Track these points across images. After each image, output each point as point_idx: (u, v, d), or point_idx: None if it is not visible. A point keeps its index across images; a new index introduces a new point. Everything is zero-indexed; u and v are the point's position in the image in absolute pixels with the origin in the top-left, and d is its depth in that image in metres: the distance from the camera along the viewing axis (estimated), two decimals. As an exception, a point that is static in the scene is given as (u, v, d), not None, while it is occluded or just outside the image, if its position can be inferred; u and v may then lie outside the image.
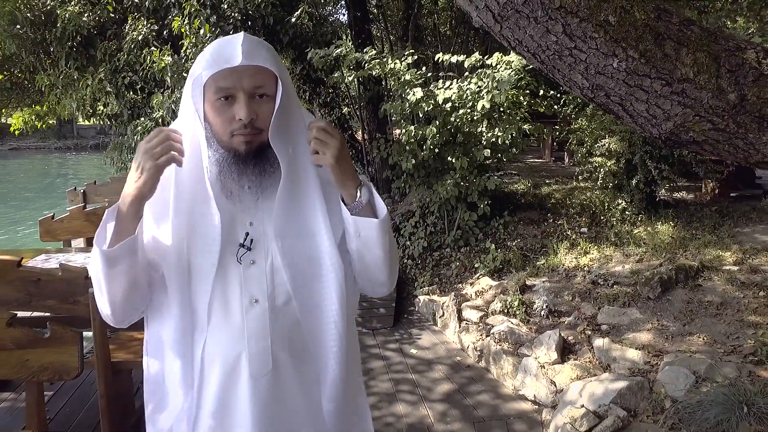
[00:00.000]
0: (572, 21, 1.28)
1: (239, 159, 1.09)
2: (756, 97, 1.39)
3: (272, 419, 1.12)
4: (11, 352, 2.03)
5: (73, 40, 5.12)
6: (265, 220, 1.13)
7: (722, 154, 1.52)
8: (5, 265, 2.63)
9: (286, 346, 1.13)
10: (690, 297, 3.54)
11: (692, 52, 1.35)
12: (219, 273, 1.10)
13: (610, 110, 1.47)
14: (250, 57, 1.04)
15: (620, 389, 2.75)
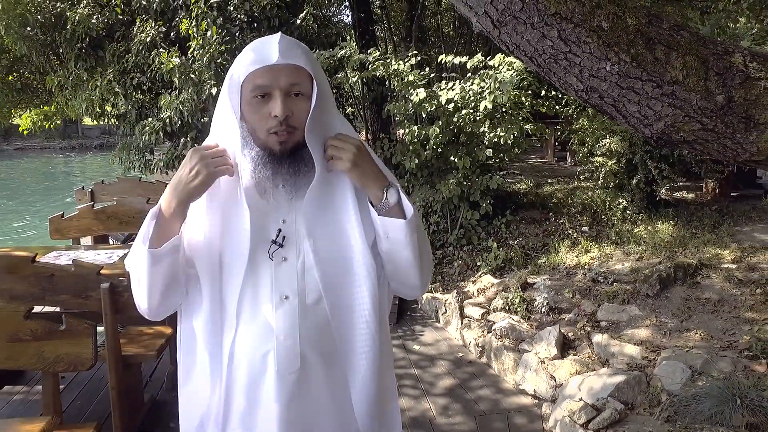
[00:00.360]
0: (567, 26, 1.35)
1: (274, 158, 1.10)
2: (743, 99, 1.45)
3: (298, 417, 1.13)
4: (29, 343, 2.12)
5: (82, 42, 5.21)
6: (298, 219, 1.14)
7: (712, 153, 1.59)
8: (20, 260, 2.71)
9: (314, 344, 1.12)
10: (688, 294, 3.60)
11: (682, 55, 1.42)
12: (250, 269, 1.11)
13: (604, 111, 1.54)
14: (286, 56, 1.06)
15: (618, 383, 2.81)
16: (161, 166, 5.48)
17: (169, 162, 5.33)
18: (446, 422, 3.02)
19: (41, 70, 5.74)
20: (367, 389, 1.17)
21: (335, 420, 1.17)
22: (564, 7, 1.34)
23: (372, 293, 1.14)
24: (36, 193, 16.33)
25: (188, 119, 5.05)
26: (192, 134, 5.15)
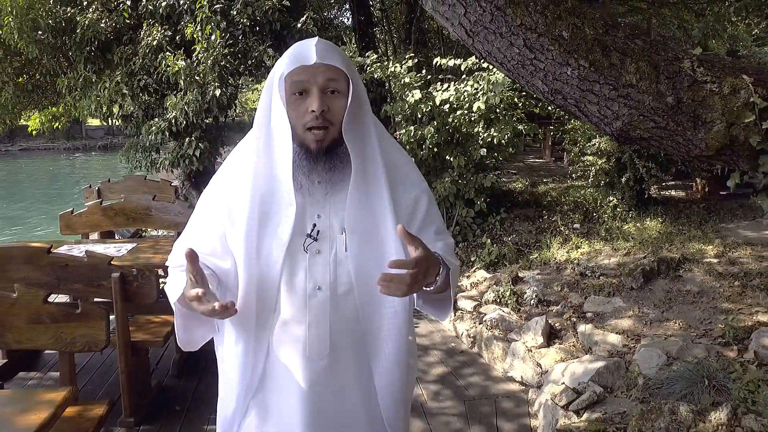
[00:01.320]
0: (531, 36, 1.52)
1: (310, 155, 1.16)
2: (691, 100, 1.62)
3: (325, 401, 1.19)
4: (48, 326, 2.29)
5: (91, 45, 5.41)
6: (332, 214, 1.19)
7: (667, 149, 1.77)
8: (37, 251, 2.90)
9: (344, 333, 1.19)
10: (670, 287, 3.76)
11: (635, 61, 1.59)
12: (287, 260, 1.17)
13: (569, 111, 1.71)
14: (323, 56, 1.13)
15: (598, 368, 2.98)
16: (167, 165, 5.67)
17: (174, 161, 5.53)
18: (437, 406, 3.19)
19: (51, 73, 5.94)
20: (391, 377, 1.24)
21: (360, 405, 1.23)
22: (528, 18, 1.51)
23: None
24: (43, 193, 16.56)
25: (193, 119, 5.24)
26: (196, 134, 5.34)
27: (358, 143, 1.17)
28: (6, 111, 6.46)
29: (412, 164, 1.33)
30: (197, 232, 1.28)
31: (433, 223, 1.31)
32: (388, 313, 1.22)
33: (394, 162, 1.25)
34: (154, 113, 5.74)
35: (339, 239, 1.19)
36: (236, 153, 1.29)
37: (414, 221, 1.27)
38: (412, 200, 1.26)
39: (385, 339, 1.23)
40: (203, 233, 1.26)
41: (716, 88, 1.63)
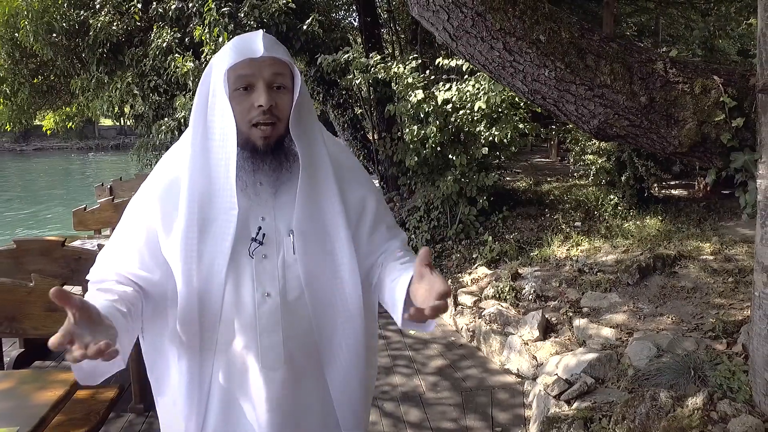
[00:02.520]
0: (510, 40, 1.62)
1: (255, 154, 1.10)
2: (663, 100, 1.72)
3: (285, 411, 1.14)
4: (63, 314, 2.42)
5: (103, 47, 5.58)
6: (278, 216, 1.13)
7: (644, 146, 1.86)
8: (52, 244, 3.04)
9: (298, 340, 1.13)
10: (665, 282, 3.83)
11: (609, 63, 1.69)
12: (231, 267, 1.10)
13: (549, 110, 1.81)
14: (270, 50, 1.08)
15: (590, 360, 3.06)
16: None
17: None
18: (434, 397, 3.29)
19: (65, 74, 6.13)
20: (347, 385, 1.19)
21: (319, 415, 1.19)
22: (507, 23, 1.61)
23: (355, 290, 1.15)
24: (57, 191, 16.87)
25: (201, 119, 5.37)
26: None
27: (305, 139, 1.12)
28: (22, 111, 6.67)
29: (358, 164, 1.28)
30: (125, 243, 1.16)
31: (383, 221, 1.25)
32: (341, 318, 1.16)
33: (340, 161, 1.20)
34: (164, 113, 5.90)
35: (286, 242, 1.12)
36: (168, 156, 1.20)
37: (364, 221, 1.21)
38: (359, 199, 1.20)
39: (338, 345, 1.17)
40: (131, 244, 1.15)
41: (688, 89, 1.72)
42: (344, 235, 1.15)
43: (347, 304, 1.16)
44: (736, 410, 1.88)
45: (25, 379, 1.90)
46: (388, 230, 1.25)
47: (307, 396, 1.16)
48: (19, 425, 1.55)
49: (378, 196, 1.26)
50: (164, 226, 1.12)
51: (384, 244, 1.23)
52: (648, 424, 2.05)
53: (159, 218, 1.13)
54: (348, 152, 1.30)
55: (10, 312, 2.37)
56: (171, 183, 1.14)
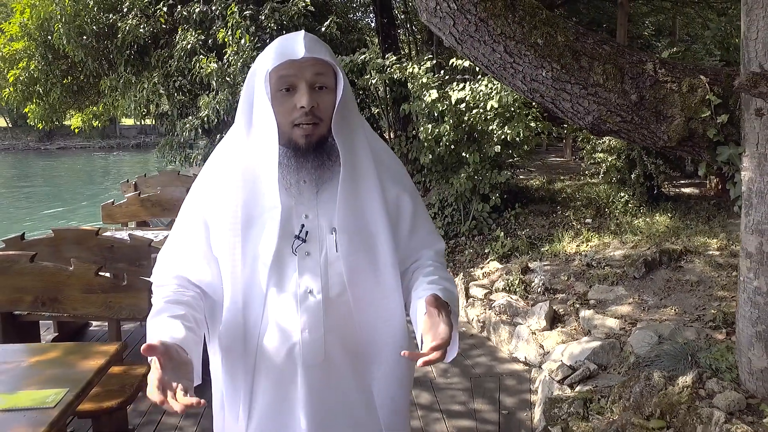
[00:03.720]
0: (510, 43, 1.77)
1: (298, 152, 1.11)
2: (653, 98, 1.86)
3: (325, 407, 1.15)
4: (98, 295, 2.64)
5: (130, 49, 5.85)
6: (321, 213, 1.14)
7: (636, 140, 2.00)
8: (87, 233, 3.27)
9: (338, 337, 1.14)
10: (670, 276, 3.94)
11: (602, 64, 1.84)
12: (274, 264, 1.11)
13: (547, 108, 1.96)
14: (311, 50, 1.08)
15: (594, 348, 3.20)
16: (199, 160, 6.08)
17: (206, 156, 5.93)
18: (445, 382, 3.45)
19: (94, 74, 6.41)
20: (389, 383, 1.21)
21: (359, 411, 1.19)
22: (508, 28, 1.76)
23: (396, 288, 1.17)
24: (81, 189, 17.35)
25: (224, 117, 5.62)
26: (227, 130, 5.71)
27: (347, 139, 1.14)
28: (53, 110, 6.98)
29: (399, 163, 1.29)
30: (182, 244, 1.20)
31: (423, 226, 1.26)
32: (383, 316, 1.18)
33: (382, 159, 1.22)
34: (188, 112, 6.15)
35: (329, 239, 1.14)
36: (217, 155, 1.24)
37: (402, 222, 1.22)
38: (395, 197, 1.21)
39: (380, 342, 1.19)
40: (187, 246, 1.19)
41: (676, 87, 1.86)
42: (386, 234, 1.16)
43: (388, 301, 1.17)
44: (722, 387, 2.01)
45: (70, 350, 2.11)
46: (428, 235, 1.26)
47: (347, 393, 1.17)
48: (68, 387, 1.76)
49: (414, 197, 1.26)
50: (213, 223, 1.16)
51: (421, 250, 1.24)
52: (641, 402, 2.19)
53: (209, 216, 1.16)
54: (389, 151, 1.29)
55: (52, 293, 2.60)
56: (219, 181, 1.17)
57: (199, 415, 2.96)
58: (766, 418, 1.78)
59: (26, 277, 2.58)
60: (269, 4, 5.54)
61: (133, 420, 2.93)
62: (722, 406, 1.90)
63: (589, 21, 13.22)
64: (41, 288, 2.58)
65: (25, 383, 1.78)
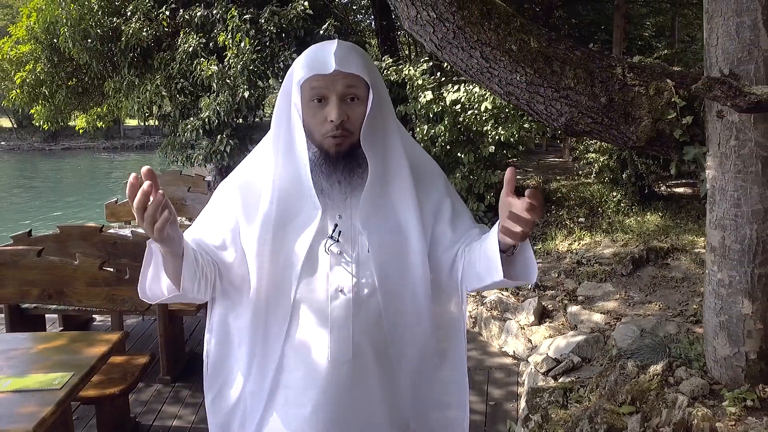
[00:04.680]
0: (486, 49, 1.89)
1: (329, 159, 1.14)
2: (621, 100, 1.98)
3: (351, 405, 1.16)
4: (102, 288, 2.77)
5: (134, 52, 5.99)
6: (353, 215, 1.16)
7: (608, 140, 2.12)
8: (91, 230, 3.40)
9: (367, 336, 1.16)
10: (656, 273, 4.05)
11: (573, 68, 1.95)
12: (306, 262, 1.14)
13: (523, 109, 2.08)
14: (342, 64, 1.09)
15: (579, 342, 3.31)
16: (200, 160, 6.22)
17: (207, 156, 6.06)
18: (435, 374, 3.57)
19: (99, 76, 6.57)
20: (419, 384, 1.22)
21: (386, 410, 1.20)
22: (484, 35, 1.88)
23: (425, 290, 1.19)
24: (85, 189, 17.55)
25: (224, 119, 5.76)
26: (227, 132, 5.86)
27: (378, 148, 1.16)
28: (59, 111, 7.14)
29: (438, 169, 1.30)
30: (208, 223, 1.23)
31: (464, 214, 1.27)
32: (412, 318, 1.19)
33: (419, 164, 1.24)
34: (190, 113, 6.28)
35: (361, 240, 1.16)
36: (257, 152, 1.28)
37: (442, 217, 1.23)
38: (435, 203, 1.23)
39: (408, 343, 1.20)
40: (214, 225, 1.21)
41: (643, 90, 1.98)
42: (417, 239, 1.18)
43: (418, 304, 1.19)
44: (690, 375, 2.12)
45: (74, 339, 2.24)
46: (471, 221, 1.27)
47: (373, 391, 1.18)
48: (73, 372, 1.89)
49: (454, 197, 1.28)
50: (246, 216, 1.18)
51: (467, 231, 1.24)
52: (615, 389, 2.30)
53: (241, 208, 1.19)
54: (426, 156, 1.31)
55: (58, 286, 2.73)
56: (256, 177, 1.20)
57: (198, 404, 3.09)
58: (725, 402, 1.89)
59: (34, 271, 2.71)
60: (269, 7, 5.67)
61: (134, 409, 3.06)
62: (687, 392, 2.01)
63: (588, 22, 13.32)
64: (48, 281, 2.72)
65: (34, 368, 1.91)
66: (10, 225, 10.83)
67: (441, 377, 1.27)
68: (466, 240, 1.21)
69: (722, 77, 1.74)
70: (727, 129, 1.86)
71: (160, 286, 1.12)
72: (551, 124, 2.05)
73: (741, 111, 1.67)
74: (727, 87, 1.64)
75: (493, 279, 1.09)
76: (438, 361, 1.26)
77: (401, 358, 1.20)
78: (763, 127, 1.82)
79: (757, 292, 1.92)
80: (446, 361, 1.27)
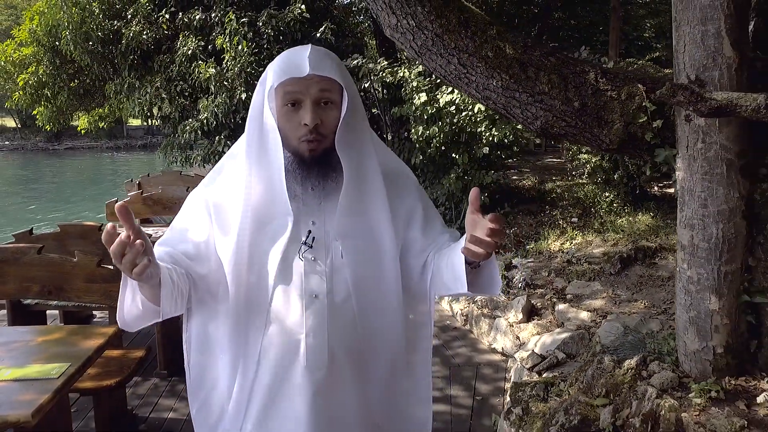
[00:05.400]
0: (464, 56, 1.98)
1: (303, 164, 1.15)
2: (594, 105, 2.06)
3: (325, 412, 1.16)
4: (100, 284, 2.86)
5: (134, 54, 6.11)
6: (327, 221, 1.17)
7: (583, 143, 2.21)
8: (90, 228, 3.50)
9: (342, 342, 1.16)
10: (643, 272, 4.13)
11: (547, 74, 2.04)
12: (281, 269, 1.14)
13: (501, 113, 2.17)
14: (317, 68, 1.10)
15: (564, 339, 3.39)
16: (199, 161, 6.32)
17: (205, 157, 6.17)
18: (425, 370, 3.66)
19: (100, 78, 6.69)
20: (389, 387, 1.23)
21: (360, 416, 1.21)
22: (461, 42, 1.97)
23: (398, 295, 1.20)
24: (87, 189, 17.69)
25: (222, 120, 5.86)
26: (225, 133, 5.97)
27: (352, 153, 1.16)
28: (60, 112, 7.26)
29: (409, 173, 1.32)
30: (182, 233, 1.20)
31: (436, 219, 1.29)
32: (386, 322, 1.21)
33: (390, 171, 1.25)
34: (189, 115, 6.39)
35: (335, 246, 1.17)
36: (229, 158, 1.26)
37: (414, 223, 1.25)
38: (408, 209, 1.25)
39: (382, 348, 1.21)
40: (188, 235, 1.19)
41: (615, 95, 2.06)
42: (390, 246, 1.19)
43: (392, 308, 1.20)
44: (662, 369, 2.21)
45: (72, 332, 2.33)
46: (442, 226, 1.29)
47: (349, 397, 1.19)
48: (71, 362, 1.98)
49: (426, 202, 1.29)
50: (220, 225, 1.17)
51: (437, 237, 1.25)
52: (593, 383, 2.38)
53: (215, 217, 1.18)
54: (399, 162, 1.33)
55: (58, 282, 2.83)
56: (228, 185, 1.20)
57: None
58: (691, 393, 1.98)
59: (34, 268, 2.81)
60: (266, 11, 5.78)
61: (132, 401, 3.16)
62: (656, 384, 2.09)
63: (588, 23, 13.38)
64: (47, 277, 2.81)
65: (33, 359, 2.01)
66: (15, 224, 10.95)
67: (410, 378, 1.30)
68: (436, 246, 1.24)
69: (685, 83, 1.82)
70: (694, 132, 1.95)
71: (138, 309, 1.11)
72: (528, 127, 2.13)
73: (702, 116, 1.76)
74: (690, 93, 1.72)
75: (458, 290, 1.13)
76: (406, 364, 1.28)
77: (375, 362, 1.21)
78: (727, 130, 1.90)
79: (723, 288, 2.01)
80: (414, 362, 1.30)
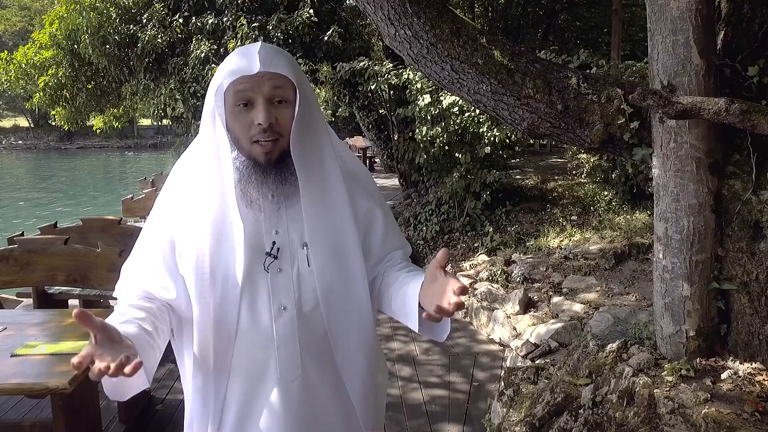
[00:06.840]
0: (456, 63, 2.17)
1: (259, 168, 1.09)
2: (576, 107, 2.25)
3: (303, 420, 1.14)
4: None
5: (149, 57, 6.35)
6: (291, 228, 1.13)
7: (567, 142, 2.39)
8: (110, 222, 3.73)
9: (314, 351, 1.14)
10: (636, 267, 4.30)
11: (533, 79, 2.22)
12: (246, 282, 1.09)
13: (491, 115, 2.35)
14: (267, 65, 1.05)
15: (557, 329, 3.57)
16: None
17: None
18: (425, 359, 3.85)
19: (116, 80, 6.95)
20: (364, 387, 1.22)
21: (339, 420, 1.19)
22: (453, 50, 2.16)
23: (366, 298, 1.18)
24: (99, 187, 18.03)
25: (233, 121, 6.07)
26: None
27: (308, 154, 1.12)
28: (78, 113, 7.54)
29: (367, 173, 1.29)
30: (145, 260, 1.16)
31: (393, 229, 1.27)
32: (356, 326, 1.18)
33: (350, 171, 1.21)
34: (201, 115, 6.62)
35: (300, 254, 1.13)
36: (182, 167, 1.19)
37: (374, 230, 1.23)
38: (367, 211, 1.22)
39: (356, 352, 1.19)
40: (150, 262, 1.15)
41: (596, 98, 2.25)
42: (355, 246, 1.16)
43: (362, 311, 1.18)
44: (640, 351, 2.38)
45: (99, 315, 2.54)
46: (398, 240, 1.27)
47: (324, 404, 1.17)
48: (98, 340, 2.19)
49: (385, 207, 1.26)
50: (180, 241, 1.12)
51: (391, 251, 1.25)
52: (578, 366, 2.57)
53: (176, 233, 1.13)
54: (357, 161, 1.30)
55: (83, 271, 3.05)
56: (185, 197, 1.14)
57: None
58: (664, 371, 2.15)
59: (61, 258, 3.03)
60: (276, 15, 5.99)
61: (149, 384, 3.37)
62: (634, 365, 2.27)
63: (593, 26, 13.51)
64: (73, 266, 3.03)
65: (66, 336, 2.22)
66: (32, 220, 11.27)
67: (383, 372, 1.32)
68: (390, 263, 1.24)
69: (656, 89, 2.00)
70: (667, 133, 2.12)
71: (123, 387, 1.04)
72: (515, 127, 2.32)
73: (671, 117, 1.94)
74: (658, 97, 1.91)
75: (405, 323, 1.14)
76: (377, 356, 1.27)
77: (352, 366, 1.19)
78: (696, 131, 2.08)
79: (694, 276, 2.18)
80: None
